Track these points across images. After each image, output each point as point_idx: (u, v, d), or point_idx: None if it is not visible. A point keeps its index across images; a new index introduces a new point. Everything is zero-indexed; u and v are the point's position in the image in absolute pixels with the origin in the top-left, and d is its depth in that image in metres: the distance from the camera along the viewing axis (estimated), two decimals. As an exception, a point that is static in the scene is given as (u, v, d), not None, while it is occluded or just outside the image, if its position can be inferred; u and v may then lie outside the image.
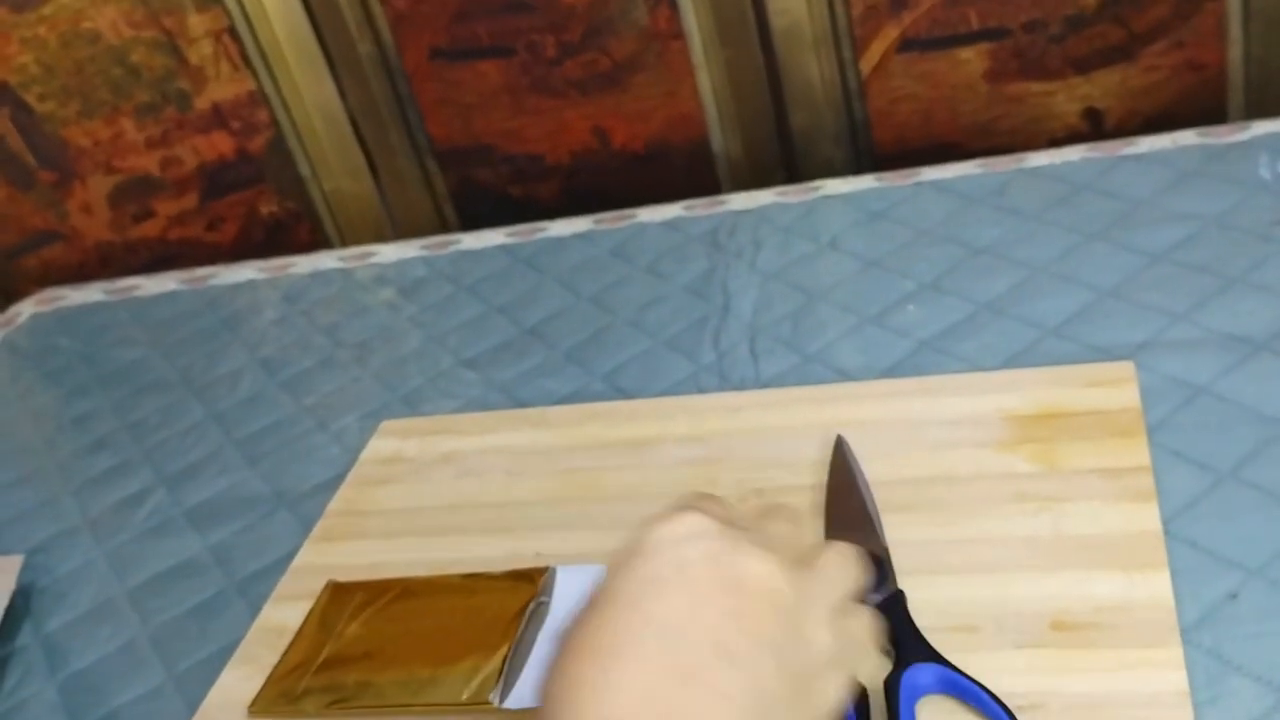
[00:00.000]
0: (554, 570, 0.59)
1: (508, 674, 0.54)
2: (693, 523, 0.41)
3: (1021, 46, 1.01)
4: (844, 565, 0.43)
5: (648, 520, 0.42)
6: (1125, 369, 0.64)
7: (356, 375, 0.84)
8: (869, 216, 0.86)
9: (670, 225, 0.92)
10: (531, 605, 0.57)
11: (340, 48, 1.15)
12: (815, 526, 0.58)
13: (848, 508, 0.58)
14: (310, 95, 1.17)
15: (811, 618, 0.40)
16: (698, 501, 0.43)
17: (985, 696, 0.47)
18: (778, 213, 0.90)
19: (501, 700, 0.53)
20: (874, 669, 0.48)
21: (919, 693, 0.48)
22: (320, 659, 0.57)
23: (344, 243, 1.24)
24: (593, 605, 0.39)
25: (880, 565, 0.54)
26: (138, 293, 1.05)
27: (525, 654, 0.55)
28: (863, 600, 0.44)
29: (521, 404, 0.76)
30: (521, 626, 0.56)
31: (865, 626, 0.44)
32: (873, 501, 0.58)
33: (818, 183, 0.93)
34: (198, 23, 1.13)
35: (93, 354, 0.97)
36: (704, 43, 1.06)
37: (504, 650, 0.55)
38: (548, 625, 0.56)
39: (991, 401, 0.64)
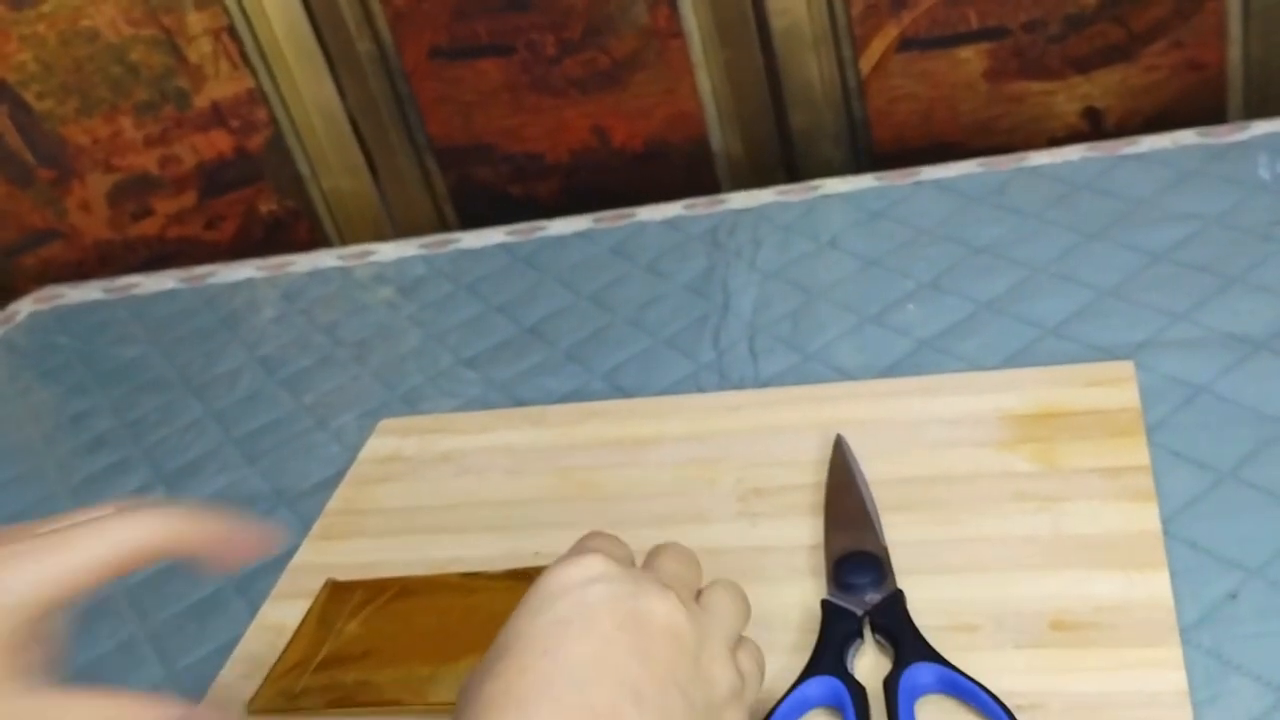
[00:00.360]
0: None
1: None
2: (594, 565, 0.42)
3: (1021, 46, 1.01)
4: (732, 602, 0.45)
5: (550, 566, 0.43)
6: (1125, 368, 0.64)
7: (355, 374, 0.84)
8: (869, 216, 0.86)
9: (670, 224, 0.92)
10: None
11: (339, 46, 1.15)
12: (815, 525, 0.58)
13: (847, 507, 0.58)
14: (309, 94, 1.17)
15: (711, 654, 0.42)
16: (596, 542, 0.44)
17: (985, 696, 0.47)
18: (777, 212, 0.90)
19: None
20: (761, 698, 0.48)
21: (918, 692, 0.48)
22: (319, 657, 0.57)
23: (343, 241, 1.24)
24: (501, 652, 0.40)
25: (879, 565, 0.54)
26: (136, 291, 1.05)
27: None
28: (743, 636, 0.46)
29: (521, 403, 0.76)
30: None
31: (756, 660, 0.45)
32: (872, 501, 0.58)
33: (817, 182, 0.93)
34: (196, 21, 1.13)
35: (91, 352, 0.96)
36: (704, 42, 1.06)
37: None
38: None
39: (991, 401, 0.64)
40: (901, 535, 0.56)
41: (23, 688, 0.41)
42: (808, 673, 0.49)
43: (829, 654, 0.50)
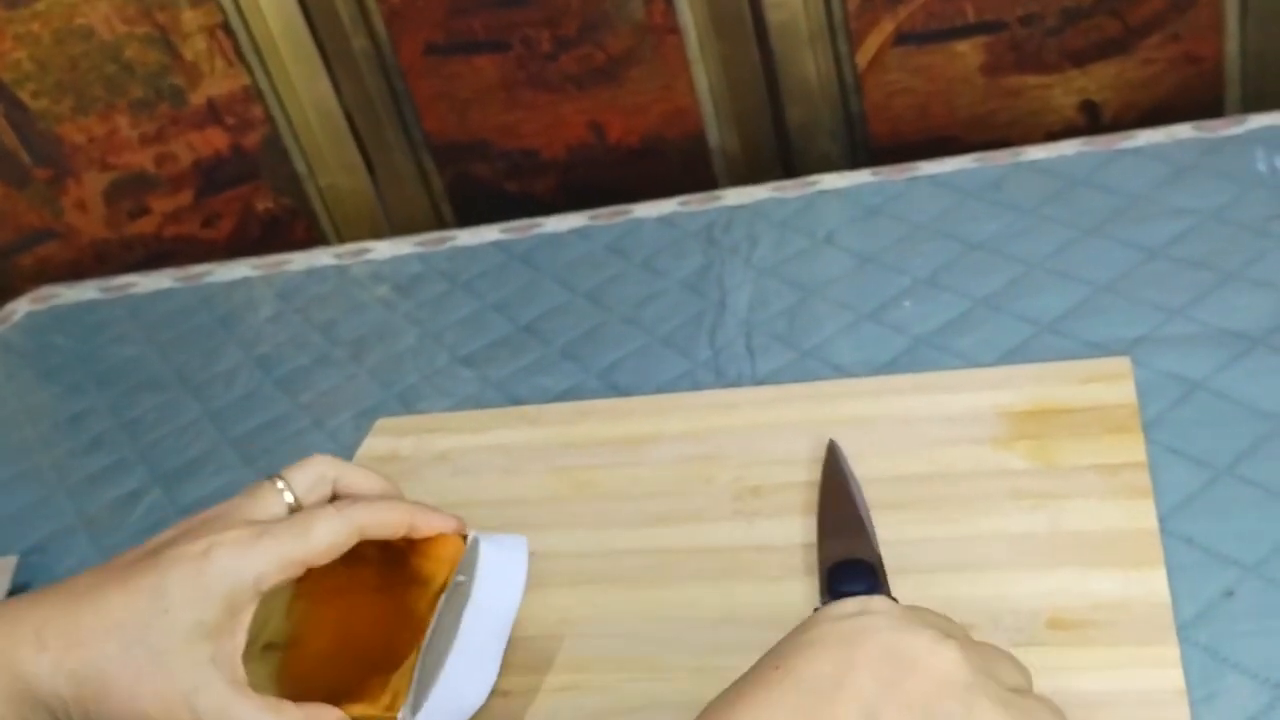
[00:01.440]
0: (475, 540, 0.54)
1: (420, 678, 0.50)
2: (868, 603, 0.40)
3: (1018, 39, 1.00)
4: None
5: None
6: (1121, 364, 0.64)
7: (352, 373, 0.84)
8: (865, 211, 0.86)
9: (666, 221, 0.92)
10: (444, 596, 0.52)
11: (335, 43, 1.15)
12: (812, 525, 0.58)
13: (840, 513, 0.57)
14: (305, 91, 1.17)
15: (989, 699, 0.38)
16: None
17: None
18: (774, 208, 0.90)
19: (413, 713, 0.49)
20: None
21: None
22: (260, 643, 0.53)
23: (340, 239, 1.24)
24: (751, 669, 0.40)
25: (874, 572, 0.53)
26: (133, 290, 1.04)
27: (443, 648, 0.51)
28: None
29: (517, 401, 0.76)
30: (432, 623, 0.51)
31: None
32: (865, 506, 0.58)
33: (814, 178, 0.92)
34: (191, 18, 1.13)
35: (88, 352, 0.96)
36: (700, 37, 1.06)
37: (413, 659, 0.50)
38: (469, 609, 0.52)
39: (987, 398, 0.64)
40: (898, 534, 0.56)
41: (227, 678, 0.46)
42: None
43: None
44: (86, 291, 1.06)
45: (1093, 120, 1.02)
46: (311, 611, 0.54)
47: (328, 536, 0.48)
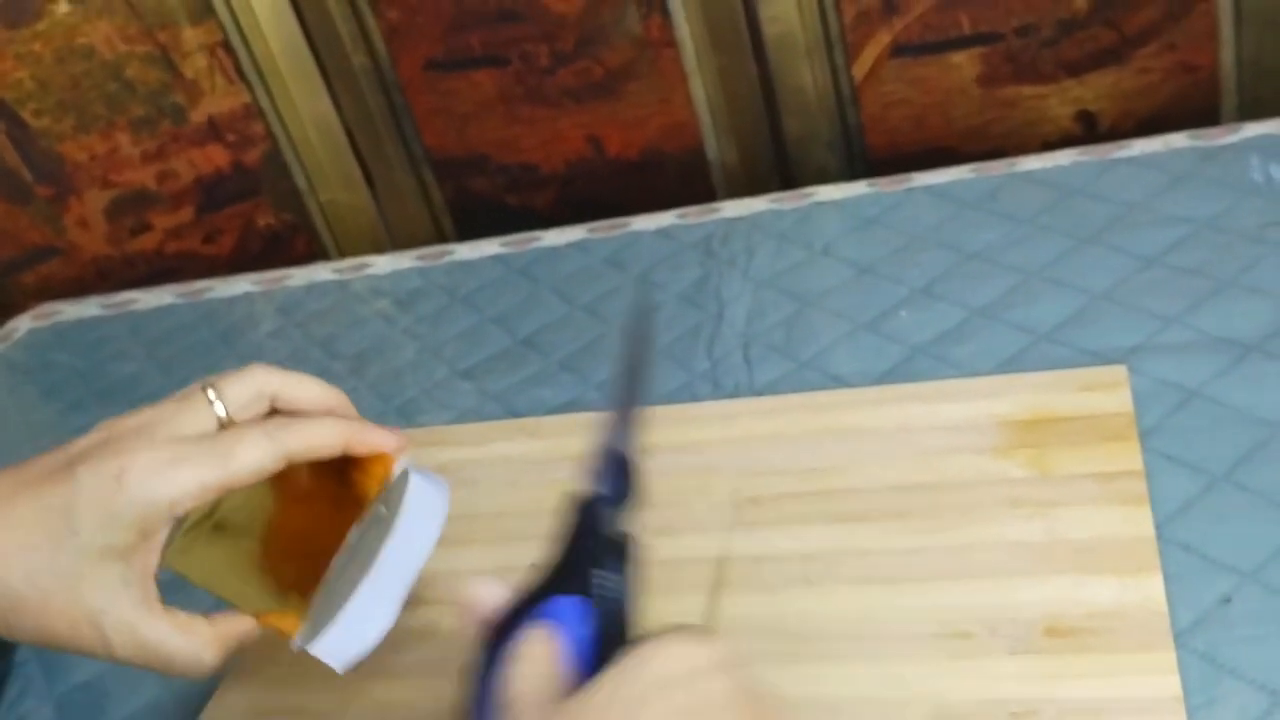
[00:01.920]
0: (406, 471, 0.51)
1: (321, 607, 0.48)
2: (702, 651, 0.39)
3: (1013, 50, 1.01)
4: None
5: (651, 640, 0.39)
6: (1118, 373, 0.64)
7: (352, 387, 0.84)
8: (862, 222, 0.86)
9: (664, 233, 0.92)
10: (360, 526, 0.49)
11: (334, 60, 1.15)
12: (812, 534, 0.58)
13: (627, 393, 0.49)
14: (305, 107, 1.17)
15: None
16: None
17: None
18: (771, 220, 0.90)
19: (306, 642, 0.47)
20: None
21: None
22: (211, 520, 0.52)
23: (341, 254, 1.24)
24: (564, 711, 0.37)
25: (627, 471, 0.47)
26: (134, 307, 1.05)
27: (353, 580, 0.48)
28: None
29: (516, 414, 0.76)
30: (345, 553, 0.49)
31: None
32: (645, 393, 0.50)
33: (811, 189, 0.93)
34: (192, 36, 1.13)
35: (90, 369, 0.97)
36: (697, 50, 1.07)
37: (316, 591, 0.48)
38: (387, 546, 0.48)
39: (985, 407, 0.64)
40: (895, 542, 0.57)
41: (137, 599, 0.46)
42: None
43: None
44: (88, 308, 1.07)
45: (1089, 130, 1.03)
46: (265, 506, 0.52)
47: (251, 462, 0.46)
